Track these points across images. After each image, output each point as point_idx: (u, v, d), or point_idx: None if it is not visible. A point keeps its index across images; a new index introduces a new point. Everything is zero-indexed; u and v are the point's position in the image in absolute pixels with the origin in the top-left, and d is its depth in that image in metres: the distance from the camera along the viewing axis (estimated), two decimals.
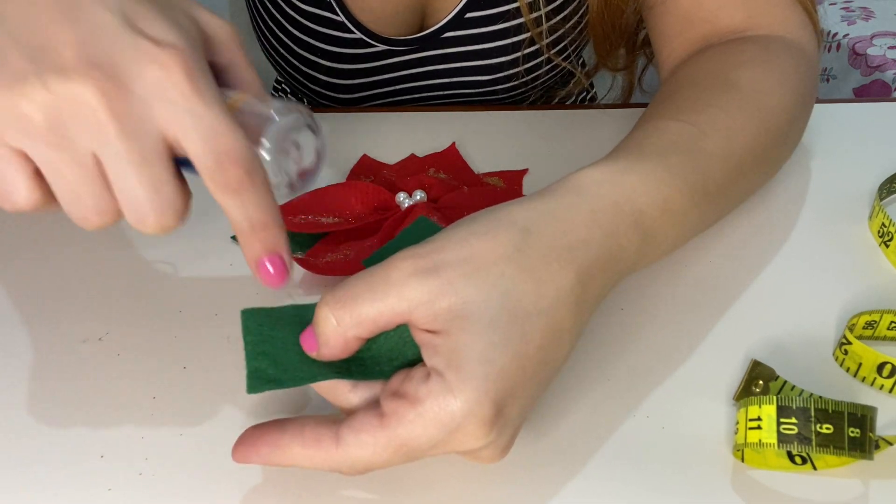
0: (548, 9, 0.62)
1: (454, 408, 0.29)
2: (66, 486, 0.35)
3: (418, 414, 0.29)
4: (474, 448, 0.30)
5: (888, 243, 0.46)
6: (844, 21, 1.41)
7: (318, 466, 0.31)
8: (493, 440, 0.30)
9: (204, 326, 0.42)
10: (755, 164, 0.44)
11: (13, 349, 0.41)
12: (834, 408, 0.32)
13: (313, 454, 0.30)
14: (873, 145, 0.55)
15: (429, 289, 0.30)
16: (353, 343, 0.31)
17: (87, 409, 0.38)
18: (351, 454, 0.30)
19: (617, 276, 0.35)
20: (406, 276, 0.30)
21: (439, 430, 0.29)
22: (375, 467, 0.30)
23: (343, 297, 0.31)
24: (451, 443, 0.29)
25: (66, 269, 0.46)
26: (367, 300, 0.30)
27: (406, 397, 0.29)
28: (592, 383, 0.39)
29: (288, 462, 0.31)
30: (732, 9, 0.51)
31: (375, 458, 0.30)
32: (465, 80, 0.67)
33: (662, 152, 0.39)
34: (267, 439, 0.31)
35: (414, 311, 0.30)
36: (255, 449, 0.31)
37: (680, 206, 0.38)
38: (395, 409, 0.29)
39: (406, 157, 0.54)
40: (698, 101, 0.44)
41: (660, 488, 0.34)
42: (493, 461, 0.32)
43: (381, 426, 0.29)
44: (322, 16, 0.63)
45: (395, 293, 0.30)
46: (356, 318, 0.30)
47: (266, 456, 0.31)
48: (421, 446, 0.29)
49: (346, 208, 0.48)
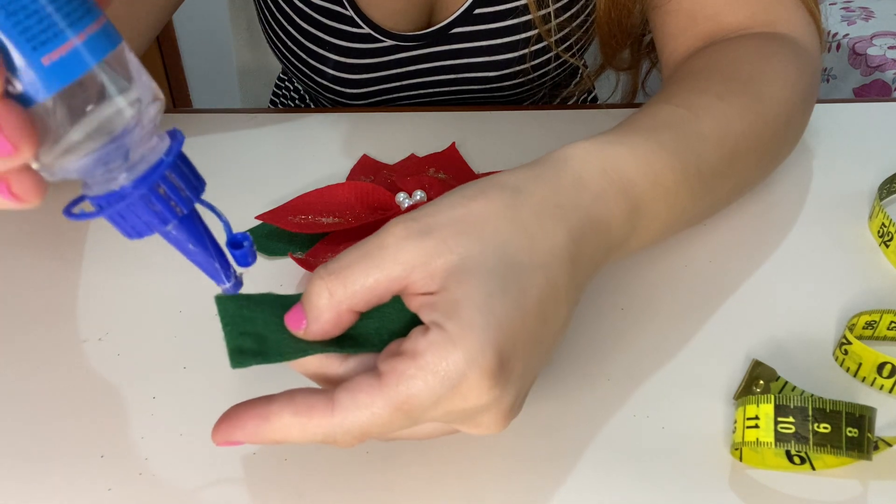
0: (556, 6, 0.62)
1: (457, 358, 0.27)
2: (66, 486, 0.35)
3: (419, 367, 0.27)
4: (477, 405, 0.28)
5: (888, 243, 0.46)
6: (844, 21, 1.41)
7: (311, 436, 0.28)
8: (497, 398, 0.29)
9: (204, 326, 0.42)
10: (752, 153, 0.44)
11: (13, 349, 0.41)
12: (832, 407, 0.32)
13: (305, 422, 0.28)
14: (873, 145, 0.55)
15: (424, 249, 0.29)
16: (345, 317, 0.30)
17: (87, 409, 0.38)
18: (348, 418, 0.28)
19: (609, 246, 0.35)
20: (400, 240, 0.29)
21: (442, 382, 0.27)
22: (373, 432, 0.28)
23: (336, 269, 0.29)
24: (455, 398, 0.28)
25: (66, 269, 0.46)
26: (362, 269, 0.29)
27: (405, 353, 0.28)
28: (592, 383, 0.39)
29: (278, 435, 0.29)
30: (735, 7, 0.51)
31: (374, 420, 0.28)
32: (473, 76, 0.67)
33: (652, 129, 0.39)
34: (253, 412, 0.29)
35: (411, 274, 0.29)
36: (241, 424, 0.29)
37: (671, 181, 0.38)
38: (393, 366, 0.28)
39: (406, 157, 0.54)
40: (694, 88, 0.44)
41: (659, 488, 0.34)
42: (495, 429, 0.30)
43: (379, 385, 0.28)
44: (331, 9, 0.63)
45: (391, 258, 0.29)
46: (351, 288, 0.29)
47: (253, 431, 0.29)
48: (422, 403, 0.28)
49: (346, 208, 0.48)
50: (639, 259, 0.46)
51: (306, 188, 0.50)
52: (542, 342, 0.31)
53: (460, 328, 0.28)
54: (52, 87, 0.23)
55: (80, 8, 0.24)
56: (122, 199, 0.26)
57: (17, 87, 0.23)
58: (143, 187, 0.26)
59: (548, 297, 0.31)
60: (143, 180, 0.26)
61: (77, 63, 0.24)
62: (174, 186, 0.27)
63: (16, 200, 0.24)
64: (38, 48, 0.23)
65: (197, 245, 0.28)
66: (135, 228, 0.27)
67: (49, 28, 0.23)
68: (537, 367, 0.31)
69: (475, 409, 0.29)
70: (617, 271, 0.45)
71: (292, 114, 0.62)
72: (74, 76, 0.24)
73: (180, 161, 0.27)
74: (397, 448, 0.36)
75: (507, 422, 0.30)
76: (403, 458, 0.35)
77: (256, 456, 0.36)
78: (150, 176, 0.26)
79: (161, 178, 0.26)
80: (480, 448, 0.36)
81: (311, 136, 0.59)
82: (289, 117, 0.61)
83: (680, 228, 0.42)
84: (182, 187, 0.27)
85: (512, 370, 0.29)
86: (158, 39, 1.78)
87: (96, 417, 0.38)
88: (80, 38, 0.24)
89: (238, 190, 0.52)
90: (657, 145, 0.38)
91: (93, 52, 0.24)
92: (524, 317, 0.29)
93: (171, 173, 0.27)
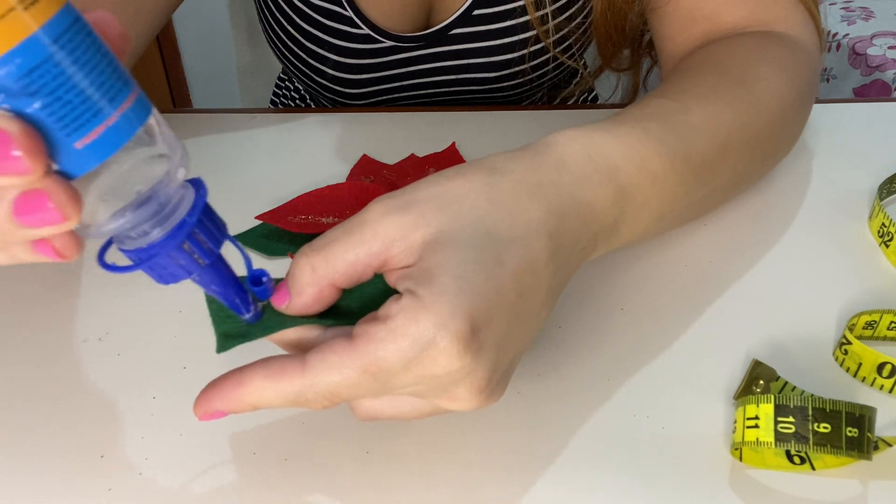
0: (553, 7, 0.62)
1: (426, 321, 0.28)
2: (66, 486, 0.35)
3: (389, 330, 0.28)
4: (448, 371, 0.28)
5: (888, 243, 0.46)
6: (844, 21, 1.41)
7: (285, 396, 0.29)
8: (469, 367, 0.29)
9: (204, 326, 0.42)
10: (745, 146, 0.44)
11: (13, 349, 0.41)
12: (832, 407, 0.32)
13: (277, 383, 0.29)
14: (873, 145, 0.55)
15: (402, 223, 0.30)
16: (327, 292, 0.31)
17: (87, 409, 0.38)
18: (317, 378, 0.29)
19: (595, 229, 0.35)
20: (379, 215, 0.30)
21: (411, 345, 0.28)
22: (343, 393, 0.29)
23: (319, 245, 0.30)
24: (424, 362, 0.28)
25: (66, 269, 0.46)
26: (342, 243, 0.30)
27: (378, 318, 0.29)
28: (593, 383, 0.39)
29: (254, 399, 0.30)
30: (734, 7, 0.51)
31: (343, 381, 0.29)
32: (472, 76, 0.67)
33: (639, 119, 0.39)
34: (230, 381, 0.30)
35: (390, 248, 0.30)
36: (219, 393, 0.30)
37: (658, 167, 0.37)
38: (365, 329, 0.29)
39: (406, 157, 0.54)
40: (686, 82, 0.44)
41: (659, 488, 0.34)
42: (470, 403, 0.30)
43: (350, 346, 0.29)
44: (331, 10, 0.63)
45: (370, 231, 0.30)
46: (332, 262, 0.30)
47: (229, 397, 0.30)
48: (392, 366, 0.28)
49: (346, 208, 0.48)
50: (639, 259, 0.46)
51: (306, 188, 0.50)
52: (521, 317, 0.31)
53: (431, 293, 0.28)
54: (87, 166, 0.25)
55: (114, 87, 0.24)
56: (151, 257, 0.28)
57: (54, 166, 0.24)
58: (168, 247, 0.27)
59: (525, 271, 0.31)
60: (168, 239, 0.27)
61: (111, 141, 0.25)
62: (198, 242, 0.28)
63: (58, 258, 0.27)
64: (71, 135, 0.24)
65: (219, 287, 0.30)
66: (163, 277, 0.29)
67: (82, 115, 0.24)
68: (518, 344, 0.31)
69: (447, 376, 0.29)
70: (617, 271, 0.45)
71: (292, 114, 0.62)
72: (108, 154, 0.25)
73: (203, 215, 0.28)
74: (397, 448, 0.36)
75: (485, 397, 0.30)
76: (403, 458, 0.35)
77: (256, 456, 0.36)
78: (175, 235, 0.27)
79: (186, 235, 0.28)
80: (480, 448, 0.36)
81: (311, 136, 0.59)
82: (289, 117, 0.61)
83: (675, 221, 0.42)
84: (205, 241, 0.28)
85: (485, 339, 0.29)
86: (158, 39, 1.78)
87: (96, 417, 0.38)
88: (114, 118, 0.24)
89: (238, 190, 0.52)
90: (643, 132, 0.38)
91: (127, 128, 0.25)
92: (499, 287, 0.30)
93: (195, 230, 0.28)
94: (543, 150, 0.35)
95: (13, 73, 0.22)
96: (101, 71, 0.24)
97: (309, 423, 0.37)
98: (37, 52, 0.22)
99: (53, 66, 0.23)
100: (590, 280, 0.44)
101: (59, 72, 0.23)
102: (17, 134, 0.23)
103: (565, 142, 0.35)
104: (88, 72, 0.24)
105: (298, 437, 0.36)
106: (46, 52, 0.23)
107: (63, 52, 0.23)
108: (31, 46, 0.22)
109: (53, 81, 0.23)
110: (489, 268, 0.29)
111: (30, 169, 0.23)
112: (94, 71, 0.24)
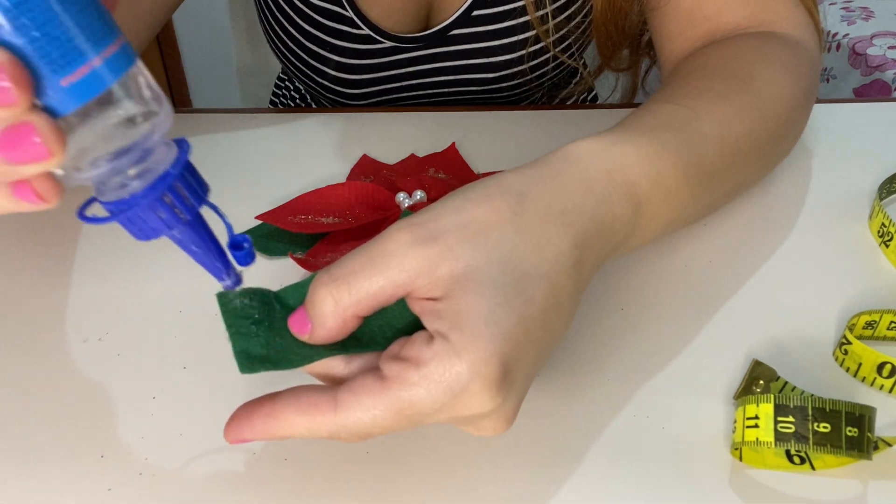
0: (553, 7, 0.62)
1: (460, 369, 0.28)
2: (66, 486, 0.35)
3: (422, 376, 0.28)
4: (480, 413, 0.29)
5: (888, 243, 0.46)
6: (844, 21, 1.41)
7: (316, 433, 0.29)
8: (499, 406, 0.29)
9: (204, 326, 0.42)
10: (753, 152, 0.44)
11: (13, 349, 0.41)
12: (832, 407, 0.32)
13: (310, 420, 0.29)
14: (873, 145, 0.55)
15: (429, 256, 0.29)
16: (350, 323, 0.30)
17: (87, 409, 0.38)
18: (350, 417, 0.29)
19: (611, 247, 0.35)
20: (405, 247, 0.29)
21: (445, 392, 0.28)
22: (376, 432, 0.29)
23: (340, 275, 0.30)
24: (457, 407, 0.28)
25: (66, 268, 0.46)
26: (366, 276, 0.29)
27: (409, 360, 0.28)
28: (593, 383, 0.39)
29: (285, 432, 0.30)
30: (734, 7, 0.51)
31: (377, 422, 0.29)
32: (472, 77, 0.67)
33: (655, 129, 0.39)
34: (261, 411, 0.30)
35: (415, 280, 0.29)
36: (250, 423, 0.30)
37: (673, 182, 0.38)
38: (398, 372, 0.28)
39: (406, 157, 0.54)
40: (695, 87, 0.44)
41: (659, 488, 0.34)
42: (496, 432, 0.31)
43: (382, 389, 0.28)
44: (331, 10, 0.63)
45: (396, 265, 0.29)
46: (356, 295, 0.29)
47: (261, 428, 0.30)
48: (424, 410, 0.28)
49: (346, 208, 0.48)
50: (639, 259, 0.46)
51: (306, 188, 0.50)
52: (544, 348, 0.31)
53: (464, 340, 0.28)
54: (71, 105, 0.25)
55: (99, 31, 0.25)
56: (131, 207, 0.27)
57: (39, 102, 0.25)
58: (149, 197, 0.27)
59: (551, 306, 0.31)
60: (150, 190, 0.27)
61: (95, 83, 0.25)
62: (179, 195, 0.28)
63: (39, 201, 0.27)
64: (57, 71, 0.24)
65: (199, 247, 0.30)
66: (143, 232, 0.28)
67: (68, 53, 0.24)
68: (537, 370, 0.32)
69: (477, 416, 0.29)
70: (617, 271, 0.45)
71: (292, 114, 0.62)
72: (92, 95, 0.25)
73: (186, 170, 0.28)
74: (397, 448, 0.36)
75: (509, 425, 0.31)
76: (403, 458, 0.35)
77: (256, 456, 0.36)
78: (157, 186, 0.27)
79: (168, 188, 0.28)
80: (480, 448, 0.36)
81: (311, 136, 0.59)
82: (289, 117, 0.61)
83: (679, 226, 0.42)
84: (187, 196, 0.28)
85: (514, 379, 0.29)
86: (158, 39, 1.78)
87: (96, 417, 0.38)
88: (99, 60, 0.25)
89: (238, 190, 0.52)
90: (660, 146, 0.38)
91: (110, 73, 0.25)
92: (527, 326, 0.29)
93: (177, 183, 0.28)
94: (567, 168, 0.34)
95: (3, 5, 0.23)
96: (88, 13, 0.25)
97: None
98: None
99: (42, 0, 0.23)
100: None
101: (48, 6, 0.24)
102: (6, 64, 0.23)
103: (587, 157, 0.35)
104: (78, 10, 0.24)
105: None
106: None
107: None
108: None
109: (42, 16, 0.24)
110: (518, 308, 0.29)
111: (16, 99, 0.24)
112: (81, 12, 0.24)
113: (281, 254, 0.46)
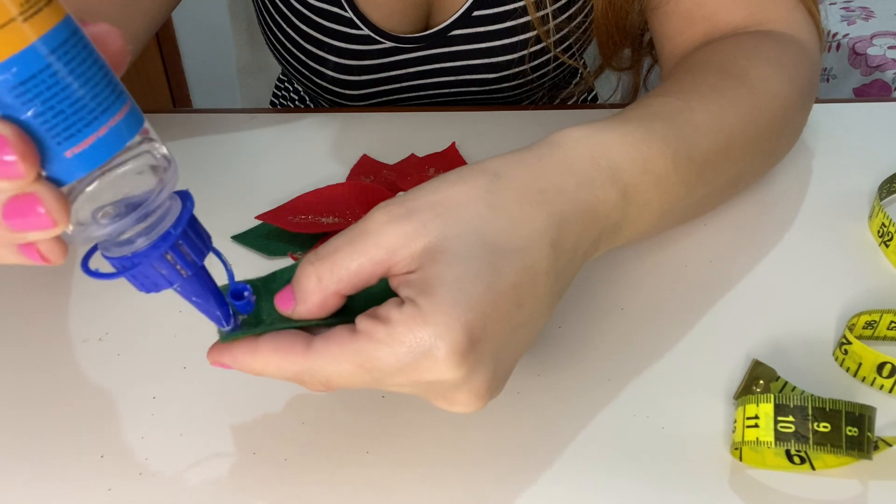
0: (553, 7, 0.62)
1: (424, 332, 0.29)
2: (66, 486, 0.35)
3: (388, 334, 0.29)
4: (444, 380, 0.29)
5: (888, 243, 0.46)
6: (844, 21, 1.41)
7: (285, 372, 0.31)
8: (466, 377, 0.29)
9: (204, 326, 0.42)
10: (747, 145, 0.44)
11: (13, 349, 0.41)
12: (832, 406, 0.32)
13: (281, 358, 0.31)
14: (873, 145, 0.55)
15: (404, 232, 0.30)
16: (331, 300, 0.31)
17: (87, 409, 0.38)
18: (317, 363, 0.30)
19: (598, 232, 0.35)
20: (382, 225, 0.30)
21: (407, 353, 0.29)
22: (339, 382, 0.30)
23: (324, 254, 0.31)
24: (419, 370, 0.29)
25: (66, 268, 0.46)
26: (347, 253, 0.30)
27: (379, 318, 0.30)
28: (593, 383, 0.39)
29: (258, 366, 0.31)
30: (733, 7, 0.51)
31: (340, 371, 0.30)
32: (472, 77, 0.67)
33: (644, 118, 0.39)
34: (245, 344, 0.32)
35: (392, 257, 0.30)
36: (231, 351, 0.32)
37: (662, 168, 0.37)
38: (367, 327, 0.30)
39: (406, 157, 0.54)
40: (688, 81, 0.44)
41: (659, 488, 0.34)
42: (469, 408, 0.31)
43: (350, 340, 0.30)
44: (330, 11, 0.63)
45: (373, 242, 0.30)
46: (337, 273, 0.31)
47: (240, 359, 0.32)
48: (387, 367, 0.29)
49: (346, 208, 0.48)
50: (639, 259, 0.46)
51: (306, 188, 0.50)
52: (519, 326, 0.31)
53: (430, 305, 0.29)
54: (76, 174, 0.25)
55: (106, 100, 0.25)
56: (134, 266, 0.28)
57: (44, 172, 0.25)
58: (151, 257, 0.28)
59: (524, 282, 0.31)
60: (152, 250, 0.28)
61: (101, 152, 0.25)
62: (181, 253, 0.29)
63: (44, 262, 0.27)
64: (62, 143, 0.24)
65: (200, 298, 0.31)
66: (145, 286, 0.29)
67: (74, 125, 0.24)
68: (517, 350, 0.32)
69: (442, 384, 0.30)
70: (617, 271, 0.45)
71: (292, 114, 0.62)
72: (97, 164, 0.25)
73: (189, 228, 0.29)
74: (397, 448, 0.36)
75: (483, 401, 0.31)
76: (403, 458, 0.35)
77: (256, 456, 0.36)
78: (158, 246, 0.28)
79: (170, 247, 0.28)
80: (480, 447, 0.36)
81: (311, 136, 0.59)
82: (289, 117, 0.61)
83: (676, 219, 0.42)
84: (188, 252, 0.29)
85: (482, 350, 0.30)
86: (158, 39, 1.78)
87: (96, 417, 0.38)
88: (105, 129, 0.25)
89: (238, 190, 0.52)
90: (647, 132, 0.38)
91: (117, 140, 0.26)
92: (497, 299, 0.30)
93: (180, 241, 0.28)
94: (548, 152, 0.35)
95: (9, 82, 0.23)
96: (95, 83, 0.25)
97: (309, 423, 0.37)
98: (33, 63, 0.23)
99: (49, 76, 0.23)
100: (590, 280, 0.44)
101: (54, 82, 0.24)
102: (12, 138, 0.23)
103: (571, 143, 0.35)
104: (83, 83, 0.24)
105: (298, 437, 0.36)
106: (43, 63, 0.23)
107: (59, 64, 0.24)
108: (28, 57, 0.23)
109: (48, 91, 0.24)
110: (487, 280, 0.30)
111: (23, 173, 0.24)
112: (88, 83, 0.24)
113: (281, 254, 0.46)
